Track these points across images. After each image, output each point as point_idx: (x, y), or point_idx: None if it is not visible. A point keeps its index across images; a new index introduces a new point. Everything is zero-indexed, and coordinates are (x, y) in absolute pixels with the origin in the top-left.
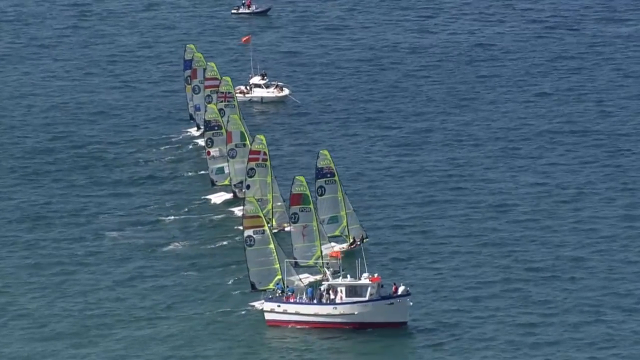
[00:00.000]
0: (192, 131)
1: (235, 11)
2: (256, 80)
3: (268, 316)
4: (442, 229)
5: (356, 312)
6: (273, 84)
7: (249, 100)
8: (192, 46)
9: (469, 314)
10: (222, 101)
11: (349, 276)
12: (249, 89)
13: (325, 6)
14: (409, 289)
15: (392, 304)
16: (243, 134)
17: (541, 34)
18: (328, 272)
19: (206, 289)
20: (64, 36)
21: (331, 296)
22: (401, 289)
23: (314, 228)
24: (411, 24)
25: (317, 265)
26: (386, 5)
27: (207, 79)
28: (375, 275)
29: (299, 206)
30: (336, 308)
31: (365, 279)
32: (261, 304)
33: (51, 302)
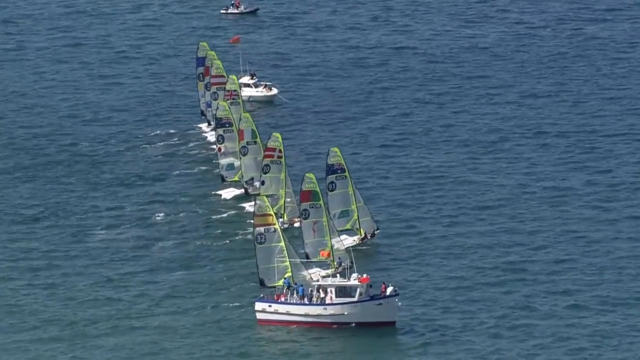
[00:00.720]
0: (203, 127)
1: (224, 11)
2: (245, 80)
3: (259, 316)
4: (429, 230)
5: (346, 312)
6: (262, 83)
7: None
8: (204, 44)
9: (456, 315)
10: (227, 99)
11: (338, 276)
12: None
13: (311, 7)
14: (397, 289)
15: (380, 304)
16: (254, 132)
17: (523, 35)
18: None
19: (199, 287)
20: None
21: (321, 295)
22: (389, 290)
23: (324, 223)
24: (395, 24)
25: (327, 259)
26: (371, 6)
27: (214, 76)
28: (365, 275)
29: (309, 202)
30: (326, 308)
31: (354, 280)
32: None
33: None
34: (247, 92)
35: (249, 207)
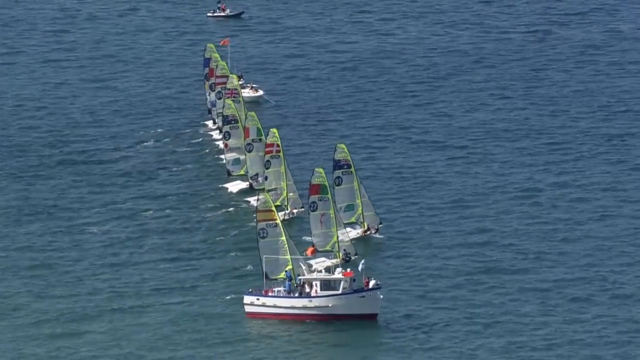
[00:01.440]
0: (209, 124)
1: (211, 14)
2: None
3: (248, 309)
4: (409, 226)
5: (330, 305)
6: (248, 85)
7: None
8: (211, 45)
9: (437, 308)
10: (228, 97)
11: (323, 271)
12: None
13: (294, 10)
14: (379, 282)
15: (363, 297)
16: (259, 130)
17: (495, 38)
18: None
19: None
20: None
21: (307, 289)
22: (372, 283)
23: (331, 216)
24: (374, 28)
25: (333, 250)
26: (351, 10)
27: (218, 76)
28: (348, 270)
29: (317, 195)
30: (311, 301)
31: (338, 274)
32: None
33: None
34: None
35: (253, 201)
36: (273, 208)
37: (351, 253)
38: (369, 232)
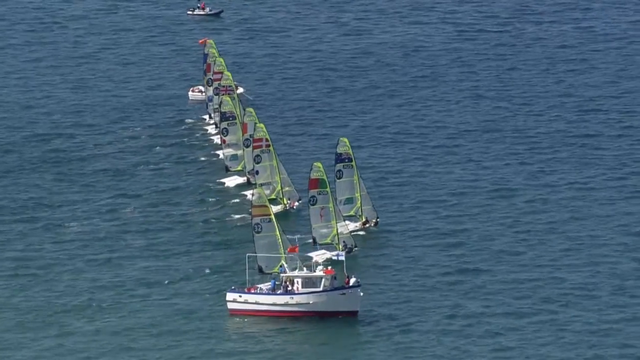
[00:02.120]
0: (206, 118)
1: (190, 12)
2: None
3: (230, 305)
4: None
5: (311, 302)
6: None
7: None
8: (211, 41)
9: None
10: (222, 94)
11: (305, 269)
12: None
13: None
14: (359, 280)
15: (344, 294)
16: (256, 127)
17: (473, 37)
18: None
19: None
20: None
21: (289, 287)
22: (352, 281)
23: (330, 209)
24: (352, 27)
25: (333, 243)
26: (327, 9)
27: (215, 72)
28: (329, 267)
29: (316, 190)
30: (293, 298)
31: (319, 271)
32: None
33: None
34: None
35: (249, 195)
36: (267, 203)
37: (351, 245)
38: (367, 225)
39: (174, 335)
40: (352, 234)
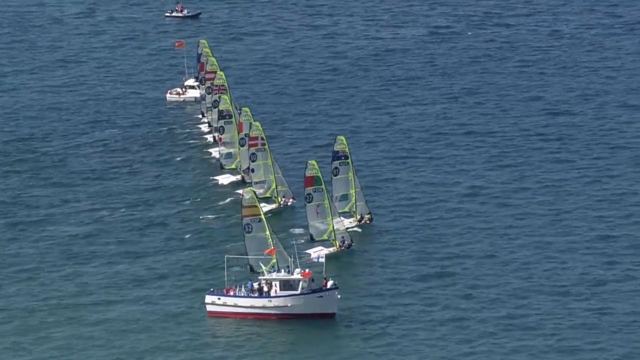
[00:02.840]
0: (199, 117)
1: (168, 14)
2: (190, 82)
3: (209, 308)
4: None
5: (289, 304)
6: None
7: (183, 101)
8: (204, 41)
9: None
10: (216, 93)
11: (282, 271)
12: (184, 90)
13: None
14: (336, 283)
15: (321, 296)
16: (252, 126)
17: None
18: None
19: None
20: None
21: (265, 288)
22: (330, 283)
23: (326, 206)
24: (327, 30)
25: (329, 239)
26: (302, 12)
27: (208, 72)
28: (307, 270)
29: (312, 187)
30: (271, 301)
31: (297, 274)
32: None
33: None
34: (192, 93)
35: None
36: (257, 203)
37: (350, 242)
38: (363, 221)
39: (153, 337)
40: (349, 230)
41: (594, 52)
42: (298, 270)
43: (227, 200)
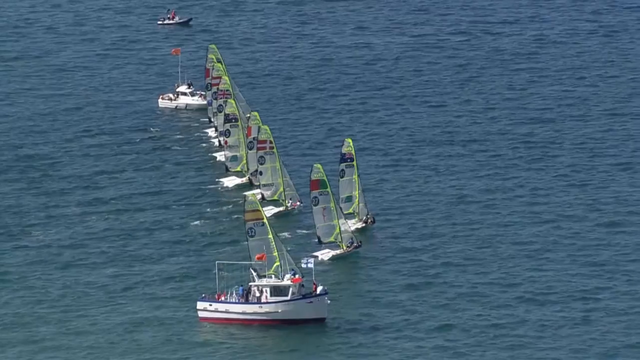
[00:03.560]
0: (207, 121)
1: (161, 22)
2: (182, 88)
3: (201, 314)
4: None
5: (280, 310)
6: (197, 92)
7: (175, 107)
8: (213, 46)
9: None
10: (221, 97)
11: (273, 277)
12: (175, 96)
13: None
14: (326, 288)
15: (311, 302)
16: (261, 129)
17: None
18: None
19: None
20: None
21: (257, 295)
22: (320, 288)
23: (332, 209)
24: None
25: (336, 241)
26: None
27: (214, 77)
28: (297, 276)
29: (318, 190)
30: (262, 306)
31: (287, 280)
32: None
33: None
34: (183, 100)
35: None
36: (260, 207)
37: (356, 242)
38: (368, 222)
39: (145, 343)
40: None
41: (577, 57)
42: (288, 275)
43: (227, 206)
